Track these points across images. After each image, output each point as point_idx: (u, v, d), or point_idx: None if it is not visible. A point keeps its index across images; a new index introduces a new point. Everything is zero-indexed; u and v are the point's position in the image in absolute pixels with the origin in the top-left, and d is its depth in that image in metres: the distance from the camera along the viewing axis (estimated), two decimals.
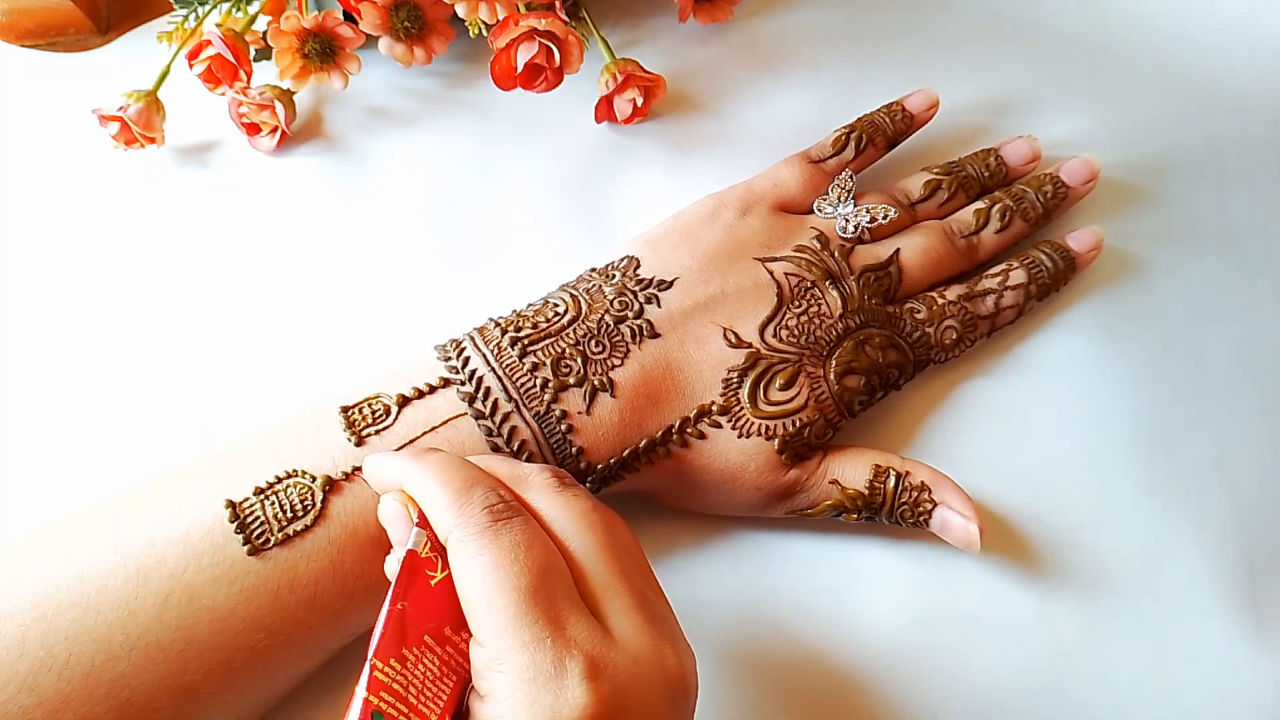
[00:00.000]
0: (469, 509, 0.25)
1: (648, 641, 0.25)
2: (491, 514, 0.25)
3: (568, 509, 0.27)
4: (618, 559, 0.26)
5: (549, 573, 0.24)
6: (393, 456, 0.29)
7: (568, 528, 0.26)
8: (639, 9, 0.48)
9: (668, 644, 0.25)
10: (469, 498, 0.26)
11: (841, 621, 0.35)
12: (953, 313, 0.37)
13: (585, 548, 0.26)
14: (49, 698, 0.27)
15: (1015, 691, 0.34)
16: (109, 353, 0.39)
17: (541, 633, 0.23)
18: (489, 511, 0.25)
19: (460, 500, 0.26)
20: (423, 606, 0.25)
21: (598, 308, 0.35)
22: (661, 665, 0.25)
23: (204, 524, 0.29)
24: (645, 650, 0.25)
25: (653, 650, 0.25)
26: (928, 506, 0.34)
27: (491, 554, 0.24)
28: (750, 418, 0.34)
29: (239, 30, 0.41)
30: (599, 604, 0.25)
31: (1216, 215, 0.43)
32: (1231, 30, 0.48)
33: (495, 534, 0.25)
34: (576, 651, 0.23)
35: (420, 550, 0.26)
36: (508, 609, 0.23)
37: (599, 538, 0.26)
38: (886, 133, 0.41)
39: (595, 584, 0.25)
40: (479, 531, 0.25)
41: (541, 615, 0.23)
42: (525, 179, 0.43)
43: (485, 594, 0.24)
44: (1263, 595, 0.35)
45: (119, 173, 0.44)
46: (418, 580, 0.25)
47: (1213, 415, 0.39)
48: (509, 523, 0.25)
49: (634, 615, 0.25)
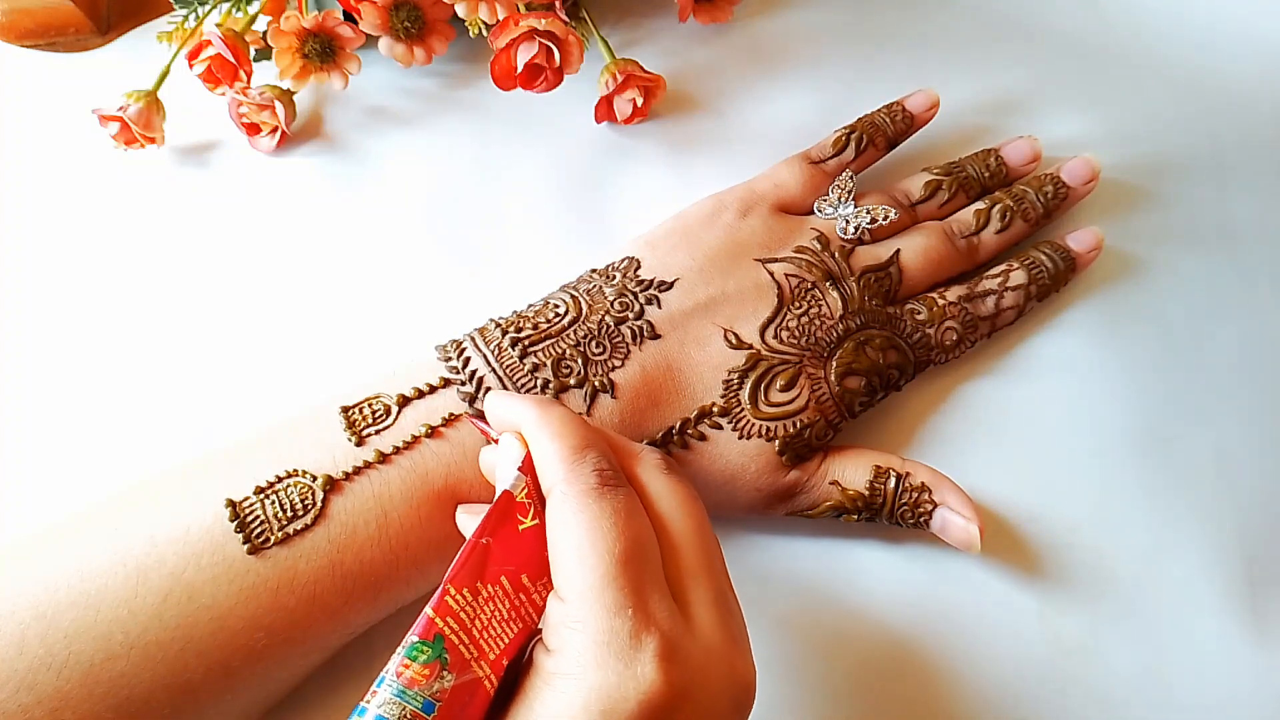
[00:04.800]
0: (580, 467, 0.26)
1: (723, 639, 0.25)
2: (600, 477, 0.26)
3: (672, 491, 0.27)
4: (708, 551, 0.26)
5: (643, 546, 0.25)
6: (516, 398, 0.29)
7: (669, 508, 0.27)
8: (639, 9, 0.48)
9: (741, 648, 0.25)
10: (581, 457, 0.26)
11: (842, 622, 0.35)
12: (953, 313, 0.37)
13: (681, 532, 0.26)
14: (48, 696, 0.27)
15: (1015, 691, 0.34)
16: (109, 353, 0.39)
17: (625, 601, 0.23)
18: (598, 474, 0.26)
19: (573, 457, 0.26)
20: (506, 548, 0.25)
21: (598, 308, 0.35)
22: (731, 665, 0.25)
23: (204, 523, 0.29)
24: (719, 646, 0.25)
25: (726, 648, 0.25)
26: (928, 507, 0.34)
27: (592, 514, 0.25)
28: (751, 419, 0.34)
29: (239, 30, 0.41)
30: (684, 590, 0.25)
31: (1216, 215, 0.43)
32: (1231, 30, 0.48)
33: (599, 497, 0.25)
34: (654, 629, 0.23)
35: (517, 494, 0.26)
36: (597, 570, 0.24)
37: (695, 526, 0.26)
38: (887, 133, 0.41)
39: (685, 569, 0.25)
40: (584, 490, 0.25)
41: (628, 585, 0.24)
42: (525, 179, 0.43)
43: (579, 552, 0.24)
44: (1262, 595, 0.35)
45: (119, 173, 0.44)
46: (507, 522, 0.26)
47: (1213, 415, 0.39)
48: (614, 490, 0.25)
49: (715, 609, 0.25)
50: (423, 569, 0.31)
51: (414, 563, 0.31)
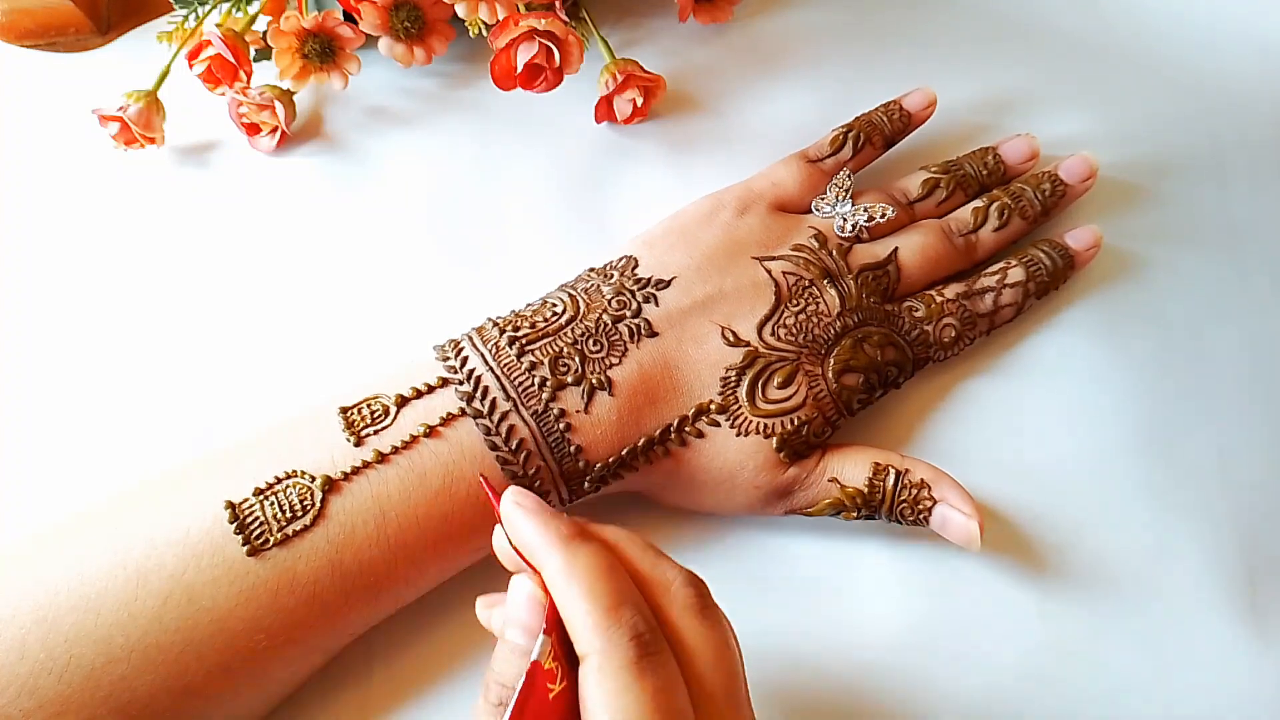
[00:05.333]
0: (617, 634, 0.24)
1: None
2: (639, 646, 0.24)
3: (706, 643, 0.25)
4: (737, 702, 0.25)
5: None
6: (538, 526, 0.26)
7: (703, 664, 0.25)
8: (639, 9, 0.48)
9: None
10: (617, 619, 0.24)
11: (841, 621, 0.35)
12: (951, 311, 0.37)
13: (715, 689, 0.25)
14: (50, 700, 0.27)
15: (1015, 691, 0.34)
16: (109, 353, 0.39)
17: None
18: (636, 643, 0.24)
19: (608, 621, 0.24)
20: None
21: (595, 307, 0.35)
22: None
23: (203, 525, 0.29)
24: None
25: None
26: (927, 504, 0.34)
27: (635, 696, 0.23)
28: (749, 416, 0.34)
29: (239, 30, 0.41)
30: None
31: (1216, 214, 0.43)
32: (1231, 30, 0.49)
33: (640, 673, 0.23)
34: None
35: (544, 661, 0.24)
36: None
37: (727, 680, 0.25)
38: (884, 132, 0.41)
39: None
40: (625, 666, 0.23)
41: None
42: (525, 179, 0.43)
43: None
44: (1262, 595, 0.35)
45: (119, 173, 0.44)
46: (535, 694, 0.24)
47: (1213, 415, 0.38)
48: (654, 659, 0.24)
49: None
50: (421, 568, 0.31)
51: (412, 562, 0.31)
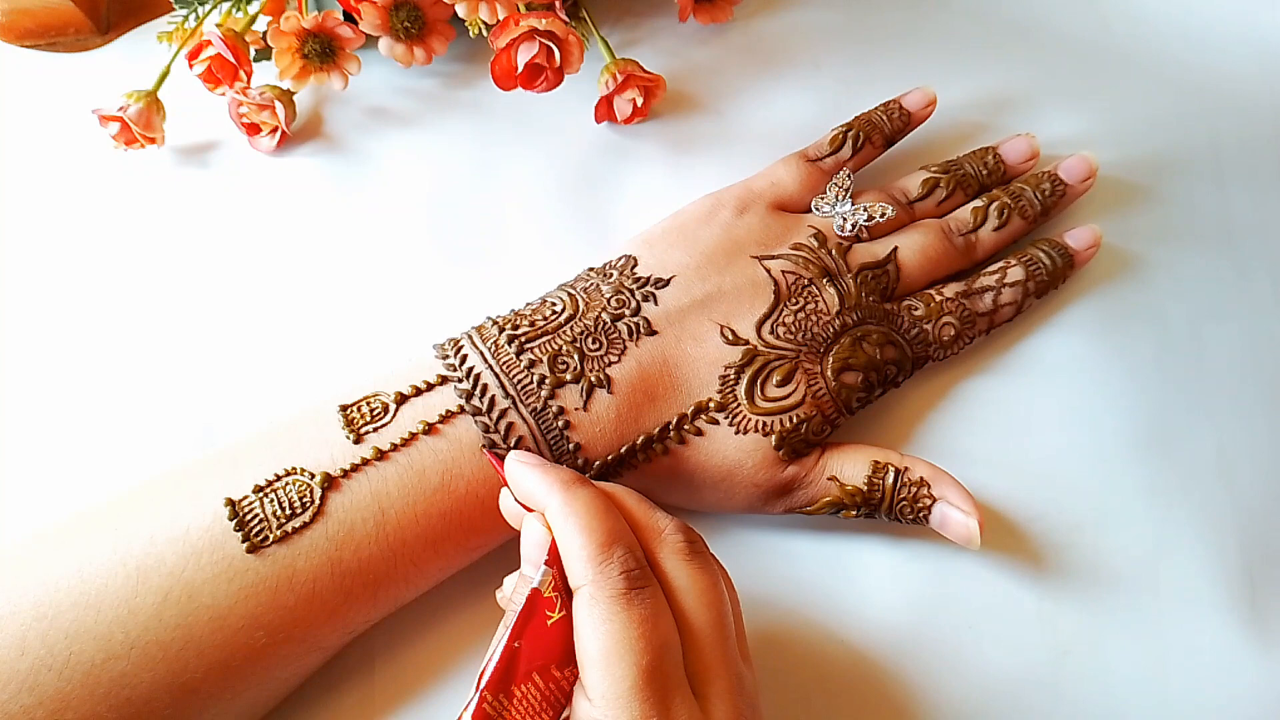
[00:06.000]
0: (608, 568, 0.26)
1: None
2: (628, 579, 0.26)
3: (693, 582, 0.27)
4: (725, 639, 0.27)
5: (667, 650, 0.25)
6: (540, 475, 0.29)
7: (690, 602, 0.27)
8: (639, 9, 0.48)
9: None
10: (609, 556, 0.26)
11: (841, 620, 0.35)
12: (951, 310, 0.37)
13: (702, 625, 0.27)
14: (50, 697, 0.27)
15: (1014, 690, 0.34)
16: (109, 353, 0.39)
17: (650, 711, 0.24)
18: (625, 577, 0.26)
19: (600, 557, 0.26)
20: (536, 645, 0.26)
21: (595, 306, 0.35)
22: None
23: (203, 522, 0.30)
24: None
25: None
26: (927, 502, 0.34)
27: (621, 623, 0.25)
28: (748, 414, 0.34)
29: (239, 30, 0.41)
30: (702, 683, 0.26)
31: (1216, 214, 0.43)
32: (1231, 30, 0.49)
33: (628, 603, 0.25)
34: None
35: (544, 590, 0.26)
36: (624, 680, 0.24)
37: (715, 618, 0.27)
38: (884, 131, 0.41)
39: (704, 663, 0.26)
40: (613, 596, 0.25)
41: (653, 695, 0.24)
42: (525, 179, 0.43)
43: (606, 660, 0.25)
44: (1262, 595, 0.35)
45: (119, 173, 0.44)
46: (535, 618, 0.26)
47: (1213, 414, 0.38)
48: (641, 593, 0.26)
49: (729, 700, 0.26)
50: (421, 566, 0.31)
51: (412, 560, 0.31)
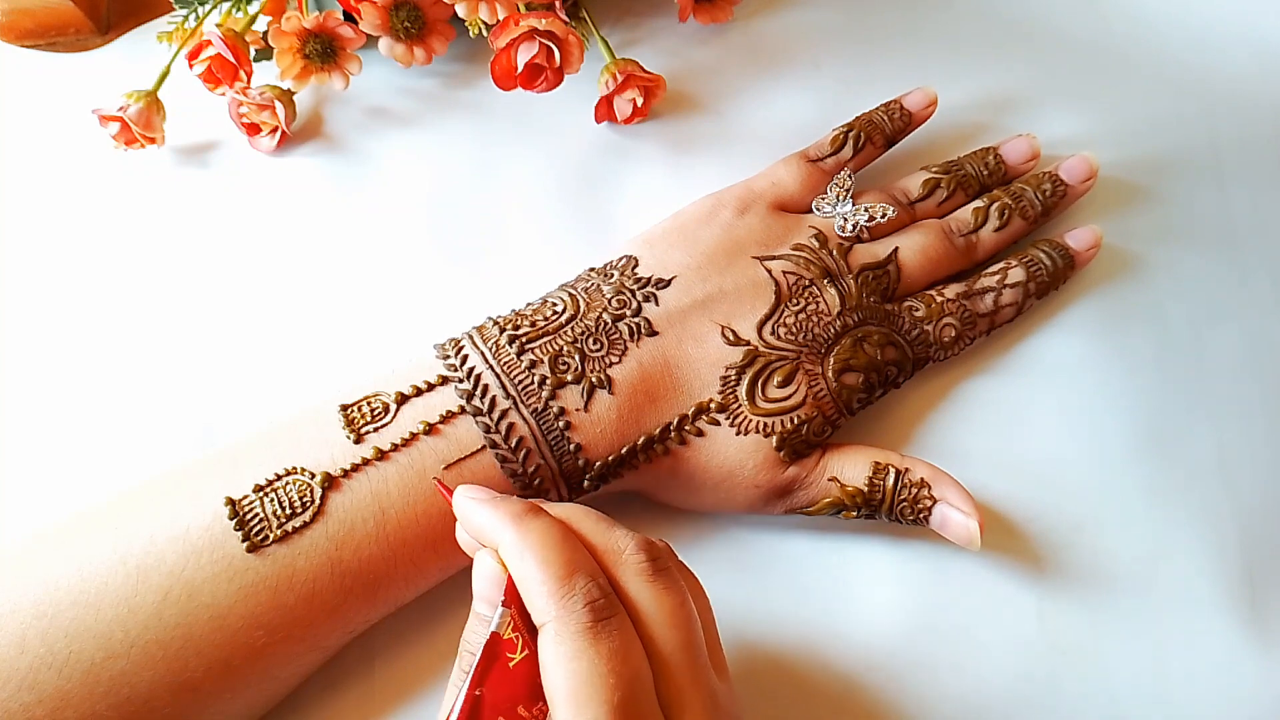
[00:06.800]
0: (571, 602, 0.25)
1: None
2: (593, 612, 0.24)
3: (659, 605, 0.26)
4: (695, 659, 0.26)
5: (637, 681, 0.24)
6: (490, 510, 0.27)
7: (657, 626, 0.26)
8: (639, 9, 0.48)
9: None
10: (570, 588, 0.25)
11: (841, 620, 0.35)
12: (951, 310, 0.37)
13: (670, 649, 0.25)
14: (49, 695, 0.27)
15: (1014, 690, 0.34)
16: (109, 352, 0.39)
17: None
18: (590, 609, 0.24)
19: (562, 590, 0.25)
20: (500, 689, 0.25)
21: (595, 306, 0.35)
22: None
23: (203, 521, 0.30)
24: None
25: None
26: (927, 503, 0.34)
27: (590, 660, 0.24)
28: (748, 415, 0.34)
29: (239, 30, 0.41)
30: (672, 707, 0.25)
31: (1216, 215, 0.43)
32: (1231, 30, 0.49)
33: (595, 637, 0.24)
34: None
35: (504, 632, 0.25)
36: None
37: (684, 638, 0.26)
38: (885, 131, 0.41)
39: (673, 687, 0.25)
40: (578, 632, 0.24)
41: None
42: (525, 179, 0.43)
43: (576, 700, 0.23)
44: (1262, 595, 0.35)
45: (119, 173, 0.44)
46: (497, 663, 0.25)
47: (1213, 415, 0.38)
48: (608, 624, 0.24)
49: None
50: (420, 566, 0.31)
51: (412, 560, 0.31)
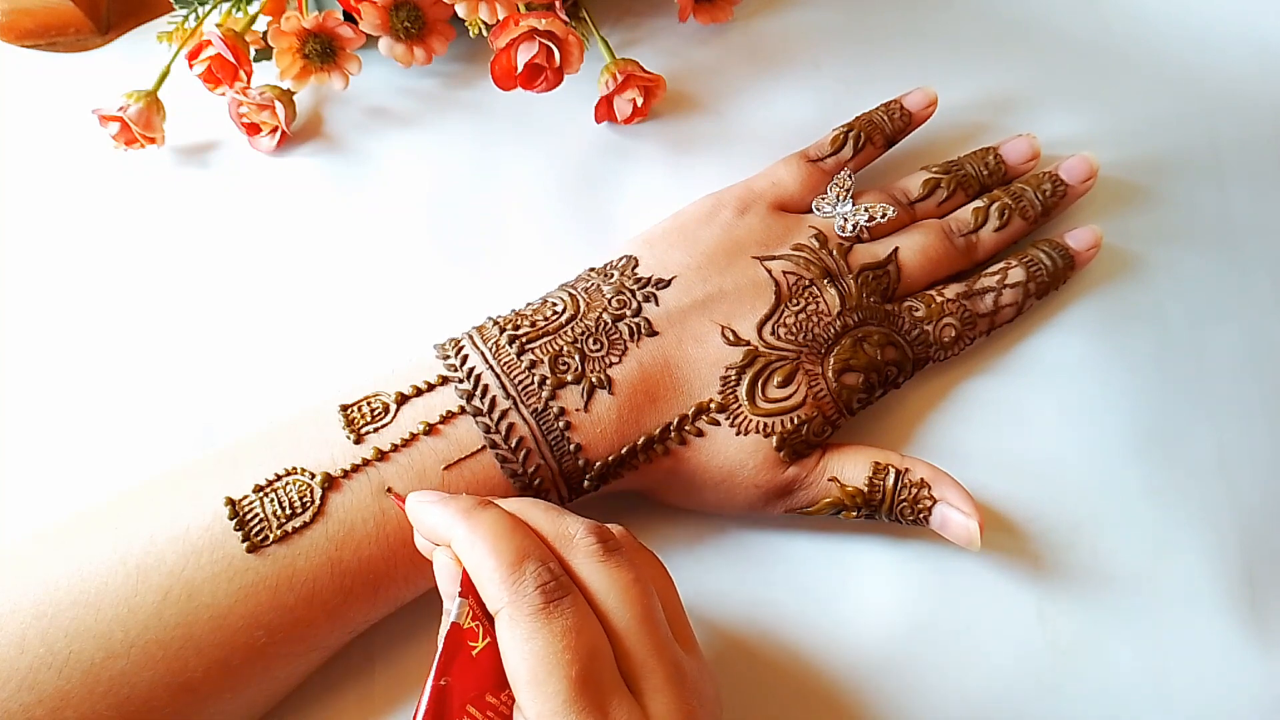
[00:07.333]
0: (522, 586, 0.25)
1: (683, 717, 0.25)
2: (544, 594, 0.25)
3: (611, 583, 0.27)
4: (654, 631, 0.26)
5: (596, 656, 0.25)
6: (440, 508, 0.28)
7: (611, 602, 0.26)
8: (639, 9, 0.48)
9: (699, 713, 0.26)
10: (521, 573, 0.25)
11: (840, 620, 0.35)
12: (951, 310, 0.37)
13: (626, 623, 0.26)
14: (49, 695, 0.27)
15: (1014, 690, 0.34)
16: (109, 353, 0.39)
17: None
18: (542, 592, 0.25)
19: (512, 576, 0.25)
20: (464, 678, 0.25)
21: (595, 306, 0.35)
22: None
23: (203, 522, 0.30)
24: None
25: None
26: (927, 503, 0.34)
27: (545, 639, 0.24)
28: (748, 415, 0.34)
29: (239, 30, 0.41)
30: (636, 679, 0.25)
31: (1216, 215, 0.43)
32: (1231, 30, 0.48)
33: (548, 617, 0.25)
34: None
35: (463, 622, 0.26)
36: (557, 696, 0.24)
37: (639, 613, 0.26)
38: (885, 131, 0.41)
39: (634, 660, 0.26)
40: (532, 614, 0.25)
41: (588, 704, 0.24)
42: (525, 179, 0.43)
43: (536, 679, 0.24)
44: (1262, 595, 0.35)
45: (119, 173, 0.44)
46: (460, 653, 0.25)
47: (1213, 415, 0.38)
48: (560, 604, 0.25)
49: (668, 692, 0.25)
50: (420, 567, 0.31)
51: (411, 560, 0.31)
